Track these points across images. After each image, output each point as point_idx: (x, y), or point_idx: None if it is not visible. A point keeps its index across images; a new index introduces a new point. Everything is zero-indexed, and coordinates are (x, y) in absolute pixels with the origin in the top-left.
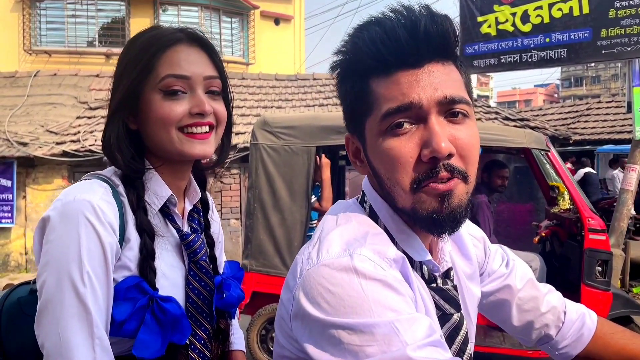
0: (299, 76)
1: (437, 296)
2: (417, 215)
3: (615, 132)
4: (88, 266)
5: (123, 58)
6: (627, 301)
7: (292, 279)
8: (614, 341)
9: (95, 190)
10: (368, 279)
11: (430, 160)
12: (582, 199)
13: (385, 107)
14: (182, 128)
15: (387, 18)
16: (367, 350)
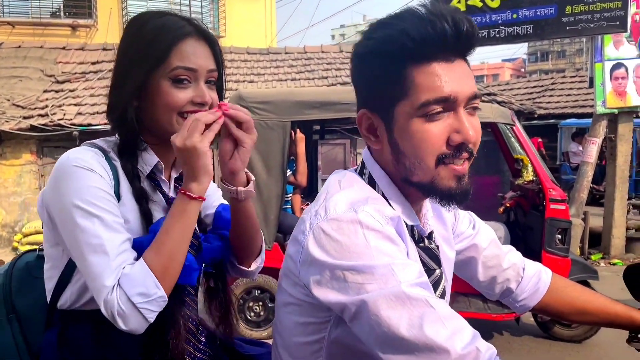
0: (270, 50)
1: (423, 254)
2: (435, 188)
3: (579, 107)
4: (88, 194)
5: (132, 43)
6: (584, 267)
7: (300, 233)
8: (566, 294)
9: (85, 152)
10: (370, 230)
11: (459, 145)
12: (544, 171)
13: (424, 96)
14: (182, 113)
15: (428, 12)
16: (367, 287)
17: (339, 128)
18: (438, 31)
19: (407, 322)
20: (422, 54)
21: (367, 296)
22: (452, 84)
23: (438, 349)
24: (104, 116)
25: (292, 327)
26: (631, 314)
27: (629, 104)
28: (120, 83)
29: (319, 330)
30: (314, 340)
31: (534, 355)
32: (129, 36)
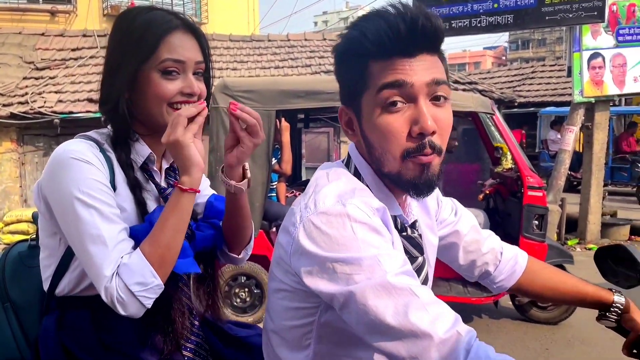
0: (253, 37)
1: (406, 242)
2: (400, 179)
3: (558, 95)
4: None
5: (122, 38)
6: (560, 251)
7: (291, 225)
8: (540, 276)
9: (80, 144)
10: (357, 222)
11: (418, 135)
12: (523, 159)
13: (380, 82)
14: (172, 104)
15: (390, 13)
16: (355, 277)
17: (322, 116)
18: (393, 29)
19: (393, 310)
20: (379, 51)
21: (355, 287)
22: (409, 72)
23: (422, 334)
24: (86, 104)
25: (284, 311)
26: (600, 294)
27: (606, 93)
28: (112, 76)
29: (309, 314)
30: (304, 323)
31: (512, 336)
32: (118, 31)
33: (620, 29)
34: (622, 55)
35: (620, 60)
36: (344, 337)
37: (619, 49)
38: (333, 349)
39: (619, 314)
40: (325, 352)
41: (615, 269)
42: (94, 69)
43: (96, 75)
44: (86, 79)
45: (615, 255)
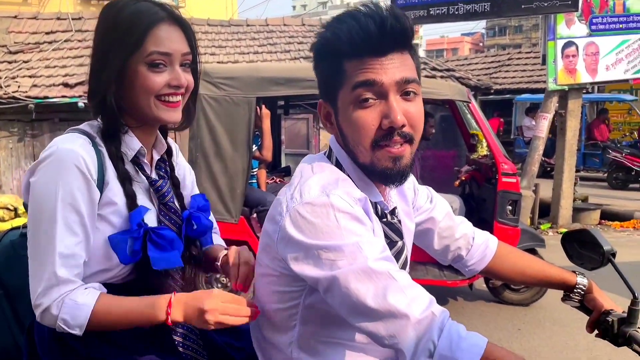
0: (232, 22)
1: (387, 228)
2: (374, 170)
3: (533, 82)
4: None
5: (108, 30)
6: (532, 235)
7: (277, 214)
8: (509, 259)
9: (74, 140)
10: (340, 212)
11: (388, 129)
12: (498, 146)
13: (353, 81)
14: (160, 96)
15: (361, 14)
16: (338, 263)
17: (302, 103)
18: (364, 30)
19: (373, 293)
20: (352, 51)
21: (338, 272)
22: (380, 72)
23: (400, 314)
24: (61, 88)
25: (270, 295)
26: (564, 275)
27: (579, 81)
28: (99, 69)
29: (294, 297)
30: (290, 306)
31: (486, 318)
32: (104, 23)
33: (593, 18)
34: (595, 44)
35: (593, 48)
36: (327, 319)
37: (592, 38)
38: (317, 330)
39: (581, 295)
40: (310, 333)
41: (581, 252)
42: (69, 53)
43: (71, 60)
44: (61, 63)
45: (581, 239)
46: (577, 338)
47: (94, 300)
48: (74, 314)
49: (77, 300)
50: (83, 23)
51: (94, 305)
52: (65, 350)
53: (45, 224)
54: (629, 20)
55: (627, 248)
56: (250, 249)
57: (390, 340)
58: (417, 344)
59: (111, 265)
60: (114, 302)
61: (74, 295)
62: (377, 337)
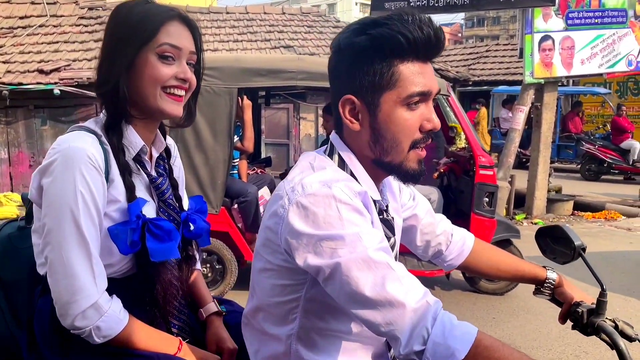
0: (211, 9)
1: (383, 225)
2: (402, 168)
3: (510, 74)
4: (85, 202)
5: (120, 25)
6: (508, 227)
7: (280, 207)
8: (484, 255)
9: (84, 138)
10: (342, 203)
11: (428, 131)
12: (475, 139)
13: (410, 89)
14: (166, 88)
15: (416, 20)
16: (339, 252)
17: (282, 92)
18: (425, 34)
19: (372, 282)
20: (410, 53)
21: (339, 260)
22: (430, 81)
23: (397, 303)
24: (36, 75)
25: (270, 289)
26: (535, 271)
27: (555, 75)
28: (111, 59)
29: (296, 290)
30: (291, 299)
31: (462, 306)
32: (117, 18)
33: (569, 13)
34: (570, 38)
35: (569, 43)
36: (327, 312)
37: (568, 32)
38: (316, 323)
39: (552, 288)
40: (309, 325)
41: (553, 247)
42: (43, 39)
43: (46, 45)
44: (36, 49)
45: (553, 235)
46: (549, 326)
47: (127, 318)
48: (110, 325)
49: (119, 314)
50: (58, 8)
51: (127, 322)
52: (66, 344)
53: (70, 231)
54: (604, 16)
55: (598, 238)
56: (231, 240)
57: (387, 327)
58: (412, 331)
59: (113, 261)
60: (136, 325)
61: (115, 306)
62: (374, 324)
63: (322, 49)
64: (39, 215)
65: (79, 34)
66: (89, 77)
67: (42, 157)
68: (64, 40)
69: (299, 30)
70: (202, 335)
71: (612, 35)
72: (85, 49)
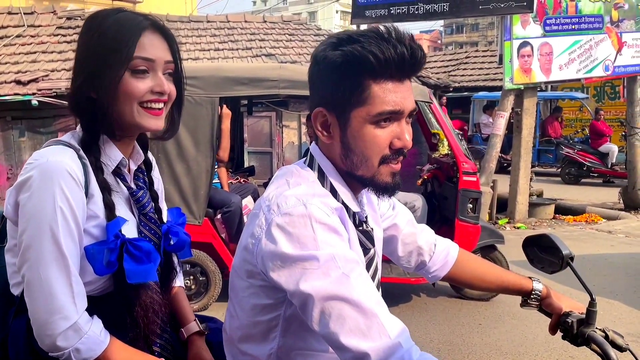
0: (192, 18)
1: (362, 236)
2: (374, 182)
3: (490, 80)
4: (64, 218)
5: (93, 41)
6: (492, 232)
7: (256, 226)
8: (468, 266)
9: (63, 152)
10: (318, 223)
11: (399, 149)
12: (458, 145)
13: (379, 107)
14: (142, 103)
15: (392, 37)
16: (314, 272)
17: (265, 101)
18: (399, 54)
19: (348, 328)
20: (381, 72)
21: (312, 290)
22: (402, 101)
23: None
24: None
25: (250, 308)
26: (521, 282)
27: (534, 80)
28: (86, 76)
29: (275, 309)
30: (270, 318)
31: (448, 313)
32: (90, 32)
33: (547, 19)
34: (548, 44)
35: (547, 49)
36: (307, 330)
37: (546, 38)
38: (296, 342)
39: (538, 300)
40: (289, 345)
41: (541, 256)
42: (21, 49)
43: (24, 56)
44: (13, 60)
45: (541, 244)
46: (535, 331)
47: (109, 339)
48: (90, 347)
49: (100, 336)
50: (36, 18)
51: (107, 344)
52: None
53: (50, 247)
54: (581, 22)
55: (580, 242)
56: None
57: None
58: None
59: (92, 278)
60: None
61: (96, 327)
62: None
63: (303, 57)
64: (13, 233)
65: (57, 44)
66: (67, 87)
67: (20, 170)
68: (41, 51)
69: (280, 39)
70: (184, 354)
71: (589, 40)
72: (64, 58)
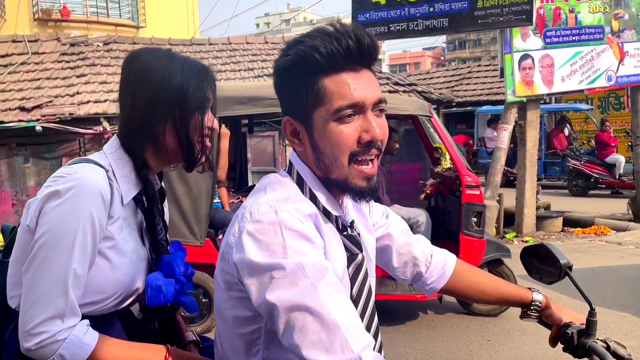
0: (194, 41)
1: (347, 241)
2: (348, 186)
3: (493, 94)
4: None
5: (163, 80)
6: (498, 246)
7: (231, 235)
8: (467, 277)
9: (97, 171)
10: (288, 230)
11: (367, 142)
12: (460, 159)
13: (337, 103)
14: (197, 137)
15: (335, 31)
16: (280, 281)
17: (267, 120)
18: (343, 46)
19: (310, 342)
20: (331, 67)
21: (277, 300)
22: (359, 91)
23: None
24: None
25: (232, 321)
26: (520, 293)
27: (536, 93)
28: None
29: (255, 321)
30: (252, 330)
31: (456, 330)
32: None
33: (547, 31)
34: (549, 56)
35: (548, 60)
36: None
37: (547, 50)
38: (280, 354)
39: (538, 311)
40: (273, 357)
41: (539, 266)
42: (25, 76)
43: (28, 83)
44: (17, 87)
45: (538, 254)
46: (545, 347)
47: (95, 341)
48: (74, 351)
49: (83, 339)
50: (40, 45)
51: (94, 346)
52: None
53: (61, 252)
54: (581, 33)
55: (590, 254)
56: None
57: None
58: None
59: (98, 300)
60: (110, 343)
61: (78, 331)
62: None
63: None
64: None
65: (60, 70)
66: (71, 113)
67: (25, 196)
68: (45, 77)
69: None
70: None
71: (591, 51)
72: (68, 84)
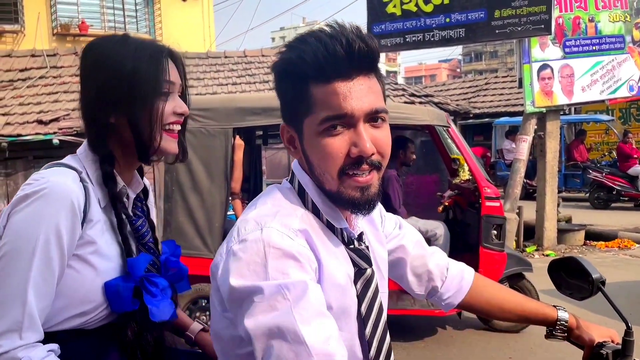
0: (210, 54)
1: (354, 255)
2: (341, 199)
3: (511, 105)
4: (47, 250)
5: (114, 65)
6: (519, 260)
7: (219, 256)
8: (486, 292)
9: (66, 174)
10: (272, 247)
11: (357, 157)
12: (479, 170)
13: (324, 113)
14: (165, 126)
15: (326, 35)
16: (258, 305)
17: None
18: (330, 53)
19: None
20: (318, 75)
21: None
22: (350, 101)
23: None
24: (35, 125)
25: (229, 340)
26: (544, 311)
27: (556, 103)
28: (101, 102)
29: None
30: (248, 352)
31: (476, 347)
32: (104, 59)
33: (566, 41)
34: (569, 66)
35: (568, 70)
36: None
37: (567, 60)
38: None
39: (565, 330)
40: None
41: (569, 281)
42: (43, 90)
43: (46, 96)
44: (35, 100)
45: (568, 268)
46: None
47: None
48: None
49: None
50: (58, 59)
51: None
52: None
53: (21, 260)
54: (602, 42)
55: (614, 268)
56: None
57: None
58: None
59: (88, 310)
60: None
61: (36, 354)
62: None
63: None
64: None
65: (78, 84)
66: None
67: None
68: (63, 91)
69: None
70: None
71: (612, 61)
72: None
